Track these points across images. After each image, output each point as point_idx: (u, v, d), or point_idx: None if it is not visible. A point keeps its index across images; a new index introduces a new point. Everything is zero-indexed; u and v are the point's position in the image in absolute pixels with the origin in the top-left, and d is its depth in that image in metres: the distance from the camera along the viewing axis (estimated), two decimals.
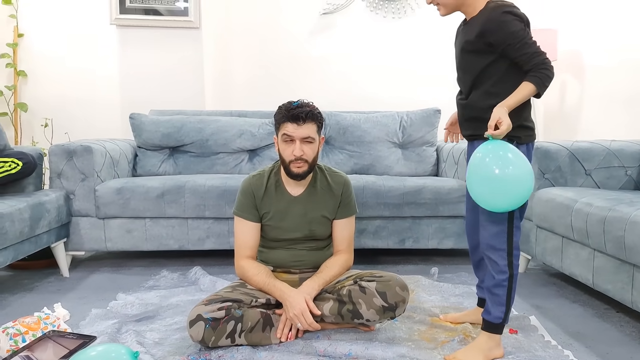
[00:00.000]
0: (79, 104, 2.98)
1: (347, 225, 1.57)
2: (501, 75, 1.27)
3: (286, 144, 1.44)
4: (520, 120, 1.27)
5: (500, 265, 1.27)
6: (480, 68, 1.29)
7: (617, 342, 1.45)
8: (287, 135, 1.43)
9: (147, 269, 2.22)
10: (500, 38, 1.23)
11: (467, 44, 1.30)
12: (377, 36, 3.12)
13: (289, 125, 1.42)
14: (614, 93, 2.51)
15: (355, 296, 1.39)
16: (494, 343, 1.29)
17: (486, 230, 1.29)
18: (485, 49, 1.26)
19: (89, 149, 2.14)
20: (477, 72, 1.30)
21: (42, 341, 1.38)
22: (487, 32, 1.24)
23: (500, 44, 1.23)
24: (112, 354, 1.04)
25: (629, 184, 2.02)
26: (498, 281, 1.27)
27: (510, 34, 1.21)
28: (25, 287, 1.97)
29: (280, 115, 1.45)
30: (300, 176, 1.46)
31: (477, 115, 1.31)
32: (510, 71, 1.26)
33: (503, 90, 1.25)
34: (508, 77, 1.27)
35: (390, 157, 2.61)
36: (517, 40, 1.21)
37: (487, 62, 1.27)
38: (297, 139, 1.42)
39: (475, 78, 1.31)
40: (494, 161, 1.15)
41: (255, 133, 2.61)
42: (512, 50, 1.23)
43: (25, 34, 2.91)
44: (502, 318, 1.28)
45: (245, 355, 1.30)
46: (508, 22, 1.22)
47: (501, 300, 1.27)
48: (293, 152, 1.43)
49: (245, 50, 3.11)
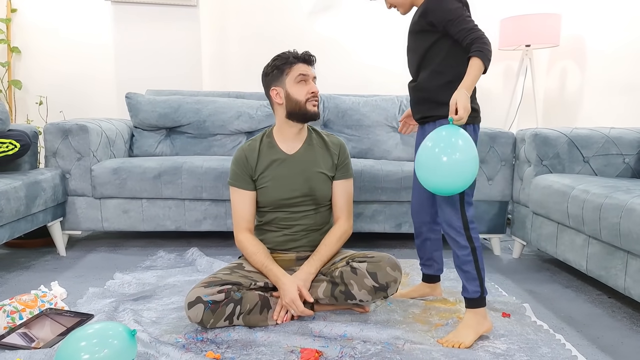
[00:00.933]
0: (73, 82, 2.94)
1: (345, 188, 1.57)
2: (445, 54, 1.32)
3: (300, 85, 1.46)
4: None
5: (460, 242, 1.32)
6: (425, 47, 1.34)
7: (608, 327, 1.47)
8: (302, 75, 1.45)
9: (144, 249, 2.22)
10: (439, 15, 1.29)
11: (412, 25, 1.38)
12: (378, 18, 3.07)
13: (301, 66, 1.45)
14: (615, 80, 2.49)
15: (346, 277, 1.40)
16: (481, 317, 1.33)
17: (443, 211, 1.35)
18: (429, 28, 1.32)
19: (84, 128, 2.11)
20: (423, 52, 1.35)
21: (40, 319, 1.38)
22: (428, 10, 1.31)
23: (440, 21, 1.29)
24: (109, 331, 1.04)
25: (626, 171, 2.03)
26: (462, 258, 1.32)
27: (447, 10, 1.28)
28: (22, 265, 1.98)
29: (285, 60, 1.46)
30: (318, 115, 1.49)
31: (426, 96, 1.37)
32: (454, 49, 1.31)
33: (449, 69, 1.32)
34: (453, 55, 1.32)
35: (389, 141, 2.60)
36: (454, 16, 1.27)
37: (431, 41, 1.33)
38: (310, 78, 1.47)
39: (421, 58, 1.36)
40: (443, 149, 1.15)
41: (253, 115, 2.59)
42: (451, 26, 1.28)
43: (18, 10, 2.85)
44: (479, 291, 1.32)
45: (242, 335, 1.32)
46: (446, 1, 1.29)
47: (472, 275, 1.32)
48: (310, 90, 1.45)
49: (243, 30, 3.06)
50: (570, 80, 2.87)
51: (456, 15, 1.27)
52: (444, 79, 1.32)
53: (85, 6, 2.89)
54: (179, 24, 2.91)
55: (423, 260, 1.61)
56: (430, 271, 1.61)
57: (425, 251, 1.59)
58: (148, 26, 2.90)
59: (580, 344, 1.35)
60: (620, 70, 2.45)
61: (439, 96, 1.32)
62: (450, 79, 1.31)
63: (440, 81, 1.32)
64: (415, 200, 1.57)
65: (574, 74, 2.84)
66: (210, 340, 1.30)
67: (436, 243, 1.58)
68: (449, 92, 1.25)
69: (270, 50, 3.04)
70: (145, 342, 1.24)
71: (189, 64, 2.95)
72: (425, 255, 1.60)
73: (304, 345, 1.27)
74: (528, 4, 2.98)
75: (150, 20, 2.89)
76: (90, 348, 1.00)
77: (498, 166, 2.18)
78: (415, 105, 1.43)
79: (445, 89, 1.29)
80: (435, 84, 1.34)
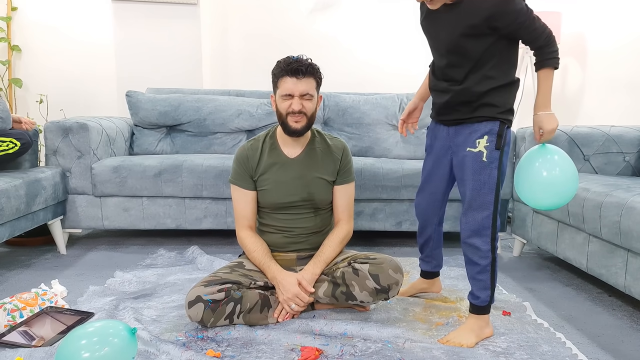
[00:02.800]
0: (74, 80, 2.94)
1: (347, 192, 1.56)
2: (498, 59, 1.26)
3: (285, 100, 1.41)
4: (512, 105, 1.30)
5: (484, 251, 1.28)
6: (480, 52, 1.24)
7: (608, 325, 1.47)
8: (288, 95, 1.40)
9: (144, 248, 2.22)
10: (510, 19, 1.20)
11: (469, 28, 1.23)
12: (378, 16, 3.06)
13: (288, 81, 1.38)
14: (616, 78, 2.49)
15: (348, 278, 1.39)
16: (484, 323, 1.32)
17: (471, 218, 1.30)
18: (488, 32, 1.22)
19: (84, 126, 2.11)
20: (477, 56, 1.25)
21: (40, 317, 1.38)
22: (496, 14, 1.19)
23: (508, 25, 1.20)
24: (110, 330, 1.04)
25: (626, 169, 2.02)
26: (482, 267, 1.29)
27: (518, 12, 1.19)
28: (22, 263, 1.98)
29: (279, 70, 1.41)
30: (298, 132, 1.43)
31: (470, 100, 1.28)
32: (506, 53, 1.26)
33: (500, 73, 1.26)
34: (504, 59, 1.27)
35: (389, 139, 2.60)
36: (524, 18, 1.20)
37: (486, 45, 1.24)
38: (296, 95, 1.39)
39: (474, 62, 1.26)
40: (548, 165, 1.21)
41: (253, 113, 2.58)
42: (522, 29, 1.21)
43: (19, 8, 2.85)
44: (489, 300, 1.31)
45: (242, 333, 1.32)
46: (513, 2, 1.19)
47: (485, 285, 1.30)
48: (291, 106, 1.40)
49: (243, 29, 3.05)
50: (570, 79, 2.87)
51: (526, 18, 1.20)
52: (495, 84, 1.26)
53: (86, 4, 2.89)
54: (179, 22, 2.90)
55: (423, 256, 1.60)
56: (429, 267, 1.60)
57: (427, 248, 1.58)
58: (148, 24, 2.90)
59: (580, 342, 1.35)
60: (621, 68, 2.45)
61: (485, 99, 1.27)
62: (501, 83, 1.26)
63: (491, 86, 1.26)
64: (424, 201, 1.52)
65: (574, 72, 2.83)
66: (210, 338, 1.30)
67: (438, 241, 1.58)
68: (496, 96, 1.26)
69: (271, 49, 3.07)
70: (146, 340, 1.24)
71: (190, 62, 2.95)
72: (425, 252, 1.59)
73: (304, 343, 1.27)
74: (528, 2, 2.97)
75: (151, 18, 2.89)
76: (90, 346, 1.00)
77: None
78: (454, 107, 1.32)
79: (494, 93, 1.26)
80: (484, 88, 1.26)
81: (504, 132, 1.27)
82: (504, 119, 1.26)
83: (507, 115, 1.28)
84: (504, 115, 1.27)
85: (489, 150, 1.26)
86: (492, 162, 1.27)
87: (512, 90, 1.29)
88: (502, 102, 1.27)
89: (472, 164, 1.28)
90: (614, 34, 2.50)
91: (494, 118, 1.26)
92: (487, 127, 1.27)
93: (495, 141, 1.26)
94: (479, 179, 1.27)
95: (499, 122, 1.26)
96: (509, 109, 1.29)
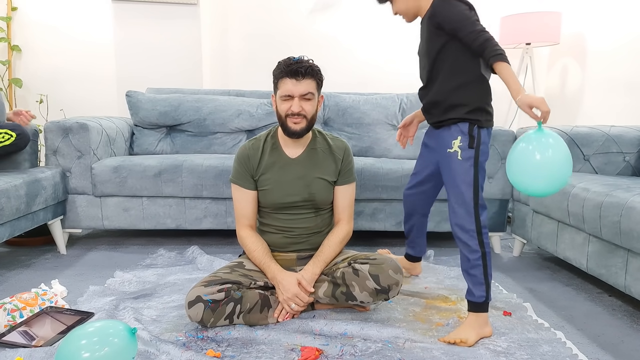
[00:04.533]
0: (74, 80, 2.94)
1: (348, 192, 1.56)
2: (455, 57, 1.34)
3: (284, 101, 1.41)
4: (482, 103, 1.36)
5: (472, 246, 1.33)
6: (436, 50, 1.35)
7: (608, 325, 1.47)
8: (287, 95, 1.40)
9: (144, 248, 2.22)
10: (447, 18, 1.31)
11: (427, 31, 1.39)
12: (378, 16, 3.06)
13: (287, 82, 1.39)
14: (616, 78, 2.49)
15: (348, 278, 1.39)
16: (483, 321, 1.33)
17: (455, 214, 1.36)
18: (437, 32, 1.34)
19: (84, 126, 2.11)
20: (435, 55, 1.36)
21: (40, 317, 1.38)
22: (435, 13, 1.34)
23: (448, 23, 1.31)
24: (110, 330, 1.04)
25: (626, 169, 2.03)
26: (472, 262, 1.33)
27: (454, 13, 1.30)
28: (22, 263, 1.98)
29: (279, 71, 1.41)
30: (298, 134, 1.43)
31: (439, 99, 1.38)
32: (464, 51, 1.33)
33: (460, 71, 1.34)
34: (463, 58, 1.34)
35: (389, 139, 2.60)
36: (461, 18, 1.29)
37: (440, 44, 1.34)
38: (295, 96, 1.40)
39: (433, 62, 1.37)
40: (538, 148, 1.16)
41: (253, 113, 2.58)
42: (458, 29, 1.29)
43: (19, 8, 2.85)
44: (485, 296, 1.33)
45: (242, 333, 1.32)
46: (452, 4, 1.32)
47: (479, 280, 1.33)
48: (291, 108, 1.40)
49: (243, 29, 3.05)
50: (570, 79, 2.87)
51: (463, 18, 1.29)
52: (456, 82, 1.34)
53: (86, 4, 2.89)
54: (179, 22, 2.90)
55: (408, 241, 1.80)
56: (412, 252, 1.81)
57: (411, 234, 1.77)
58: (148, 24, 2.90)
59: (580, 342, 1.35)
60: (621, 68, 2.45)
61: (452, 99, 1.35)
62: (463, 81, 1.34)
63: (453, 83, 1.35)
64: (415, 192, 1.68)
65: (574, 72, 2.83)
66: (210, 338, 1.30)
67: (421, 231, 1.76)
68: (462, 95, 1.33)
69: (271, 49, 3.07)
70: (146, 340, 1.24)
71: (190, 62, 2.95)
72: (410, 237, 1.79)
73: (304, 343, 1.27)
74: (528, 2, 2.98)
75: (151, 18, 2.89)
76: (90, 346, 1.00)
77: (498, 164, 2.18)
78: (429, 110, 1.45)
79: (458, 91, 1.34)
80: (447, 87, 1.36)
81: (474, 132, 1.34)
82: (472, 119, 1.34)
83: (475, 115, 1.34)
84: (472, 115, 1.34)
85: (463, 150, 1.34)
86: (467, 161, 1.34)
87: (477, 87, 1.35)
88: (469, 100, 1.34)
89: (450, 163, 1.37)
90: (614, 34, 2.50)
91: (463, 119, 1.35)
92: (459, 128, 1.35)
93: (468, 141, 1.34)
94: (456, 177, 1.35)
95: (468, 123, 1.34)
96: (478, 108, 1.35)
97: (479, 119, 1.34)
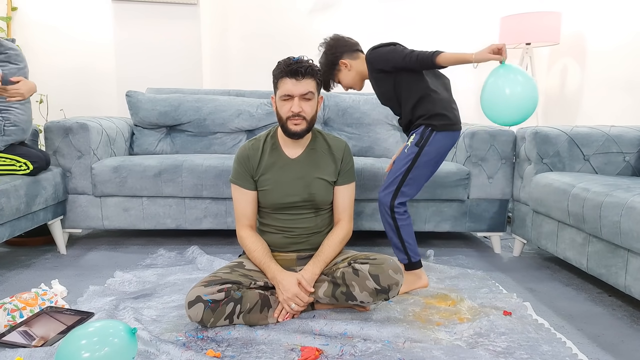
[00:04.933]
0: (74, 80, 2.94)
1: (348, 192, 1.56)
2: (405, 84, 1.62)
3: (284, 102, 1.42)
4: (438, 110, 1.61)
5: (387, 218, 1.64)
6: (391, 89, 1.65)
7: (608, 325, 1.47)
8: (287, 95, 1.40)
9: (144, 248, 2.22)
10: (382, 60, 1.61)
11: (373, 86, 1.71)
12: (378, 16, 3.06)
13: (287, 82, 1.39)
14: (616, 78, 2.49)
15: (348, 278, 1.39)
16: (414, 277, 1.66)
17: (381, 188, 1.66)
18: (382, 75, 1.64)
19: (85, 126, 2.11)
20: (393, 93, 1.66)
21: (40, 317, 1.39)
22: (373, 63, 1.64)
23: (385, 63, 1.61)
24: (110, 330, 1.04)
25: (626, 169, 2.03)
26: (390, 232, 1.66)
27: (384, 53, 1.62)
28: (22, 263, 1.98)
29: (279, 71, 1.42)
30: (298, 134, 1.44)
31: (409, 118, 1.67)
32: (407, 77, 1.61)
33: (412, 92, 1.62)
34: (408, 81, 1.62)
35: (389, 139, 2.60)
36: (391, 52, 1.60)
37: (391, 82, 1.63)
38: (295, 96, 1.40)
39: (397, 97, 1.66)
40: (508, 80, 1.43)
41: (253, 113, 2.59)
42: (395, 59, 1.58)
43: (19, 8, 2.85)
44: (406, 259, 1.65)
45: (242, 333, 1.32)
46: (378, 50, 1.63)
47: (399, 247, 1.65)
48: (291, 108, 1.40)
49: (243, 29, 3.05)
50: (570, 79, 2.87)
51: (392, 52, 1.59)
52: (414, 100, 1.62)
53: (86, 5, 2.89)
54: (179, 22, 2.91)
55: None
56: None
57: None
58: (148, 24, 2.90)
59: (580, 342, 1.35)
60: (621, 68, 2.45)
61: (415, 113, 1.64)
62: (418, 97, 1.62)
63: (412, 102, 1.63)
64: None
65: (574, 72, 2.83)
66: (210, 338, 1.30)
67: None
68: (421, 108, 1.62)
69: (271, 49, 3.07)
70: (146, 340, 1.25)
71: (190, 62, 2.95)
72: None
73: (304, 343, 1.27)
74: (528, 2, 2.98)
75: (151, 18, 2.89)
76: (90, 346, 1.00)
77: (498, 164, 2.18)
78: (405, 130, 1.73)
79: (418, 107, 1.63)
80: (410, 106, 1.64)
81: (426, 134, 1.61)
82: (427, 123, 1.61)
83: (431, 120, 1.61)
84: (428, 120, 1.61)
85: (411, 145, 1.63)
86: (409, 155, 1.62)
87: (430, 99, 1.61)
88: (425, 111, 1.62)
89: (401, 154, 1.67)
90: (614, 34, 2.49)
91: (420, 124, 1.63)
92: (418, 131, 1.63)
93: (417, 139, 1.61)
94: (397, 162, 1.65)
95: (423, 126, 1.62)
96: (435, 114, 1.61)
97: (433, 123, 1.60)
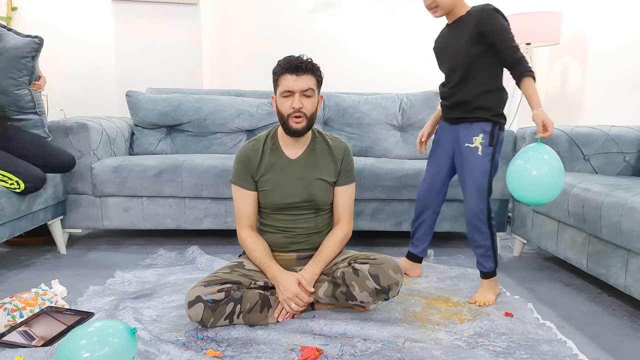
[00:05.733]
0: (74, 80, 2.94)
1: (348, 193, 1.56)
2: (487, 67, 1.52)
3: (285, 99, 1.41)
4: (502, 109, 1.57)
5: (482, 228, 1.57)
6: (473, 57, 1.51)
7: (608, 325, 1.47)
8: (287, 91, 1.40)
9: (144, 248, 2.22)
10: (493, 29, 1.47)
11: (467, 37, 1.51)
12: (379, 16, 3.06)
13: (288, 78, 1.39)
14: (616, 78, 2.49)
15: (348, 278, 1.39)
16: (494, 284, 1.63)
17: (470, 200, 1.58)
18: (478, 39, 1.49)
19: (85, 126, 2.11)
20: (470, 61, 1.52)
21: (40, 317, 1.39)
22: (483, 23, 1.48)
23: (491, 34, 1.47)
24: (110, 330, 1.04)
25: (627, 169, 2.02)
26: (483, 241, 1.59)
27: (500, 25, 1.47)
28: (22, 263, 1.98)
29: (279, 68, 1.42)
30: (299, 132, 1.44)
31: (465, 100, 1.57)
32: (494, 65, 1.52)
33: (489, 81, 1.53)
34: (493, 70, 1.53)
35: (389, 139, 2.60)
36: (505, 31, 1.48)
37: (477, 52, 1.50)
38: (296, 92, 1.40)
39: (467, 67, 1.53)
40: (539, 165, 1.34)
41: (253, 113, 2.59)
42: (500, 41, 1.47)
43: (19, 8, 2.85)
44: (494, 267, 1.61)
45: (242, 333, 1.32)
46: (498, 17, 1.48)
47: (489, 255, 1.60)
48: (292, 105, 1.40)
49: (244, 28, 3.05)
50: (571, 79, 2.87)
51: (506, 32, 1.47)
52: (484, 88, 1.54)
53: (86, 4, 2.89)
54: (179, 22, 2.90)
55: (413, 240, 1.85)
56: (415, 251, 1.85)
57: (418, 233, 1.83)
58: (149, 24, 2.90)
59: (580, 342, 1.35)
60: (621, 68, 2.45)
61: (480, 101, 1.55)
62: (488, 88, 1.54)
63: (480, 89, 1.54)
64: (425, 185, 1.77)
65: (574, 72, 2.83)
66: (210, 338, 1.30)
67: (430, 227, 1.82)
68: (488, 99, 1.54)
69: (271, 48, 3.07)
70: (146, 340, 1.25)
71: (190, 62, 2.95)
72: (416, 236, 1.83)
73: (304, 343, 1.27)
74: (528, 2, 2.97)
75: (151, 18, 2.89)
76: (90, 346, 1.00)
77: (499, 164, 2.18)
78: (453, 107, 1.62)
79: (484, 97, 1.54)
80: (476, 91, 1.54)
81: (495, 132, 1.55)
82: (495, 120, 1.55)
83: (498, 118, 1.55)
84: (496, 117, 1.55)
85: (484, 147, 1.54)
86: (486, 156, 1.55)
87: (499, 96, 1.56)
88: (492, 106, 1.55)
89: (469, 157, 1.57)
90: (615, 34, 2.49)
91: (487, 120, 1.55)
92: (481, 127, 1.55)
93: (489, 139, 1.54)
94: (475, 169, 1.56)
95: (491, 124, 1.54)
96: (500, 114, 1.56)
97: (500, 122, 1.55)
